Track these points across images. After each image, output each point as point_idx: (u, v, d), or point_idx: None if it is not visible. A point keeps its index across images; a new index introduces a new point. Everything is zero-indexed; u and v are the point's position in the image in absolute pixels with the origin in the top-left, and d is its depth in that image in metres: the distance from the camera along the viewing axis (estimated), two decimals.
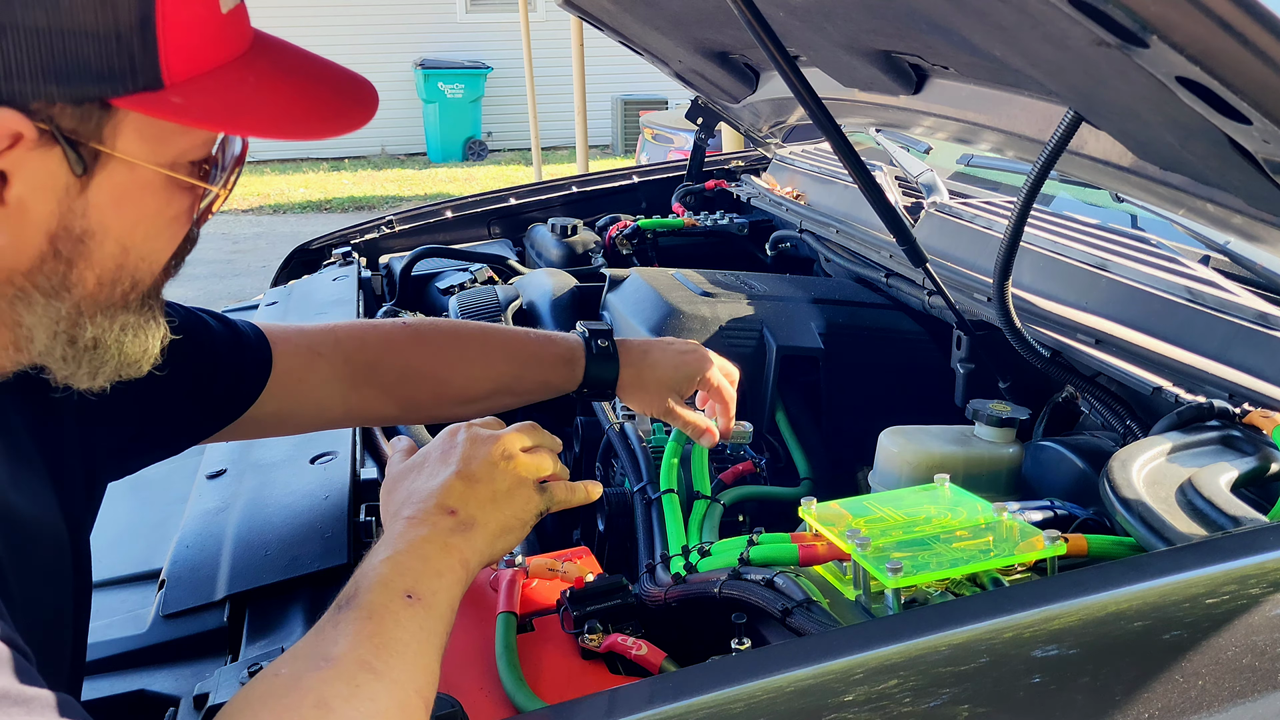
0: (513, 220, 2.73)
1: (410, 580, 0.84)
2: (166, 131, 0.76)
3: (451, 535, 0.91)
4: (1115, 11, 0.76)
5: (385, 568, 0.85)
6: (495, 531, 0.96)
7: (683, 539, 1.20)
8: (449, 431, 1.05)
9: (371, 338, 1.25)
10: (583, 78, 7.29)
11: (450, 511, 0.93)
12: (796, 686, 0.72)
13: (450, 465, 0.99)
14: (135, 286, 0.81)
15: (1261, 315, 1.24)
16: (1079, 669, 0.74)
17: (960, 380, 1.60)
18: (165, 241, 0.82)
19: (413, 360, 1.26)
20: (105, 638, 1.07)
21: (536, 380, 1.32)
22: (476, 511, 0.95)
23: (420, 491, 0.97)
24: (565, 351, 1.32)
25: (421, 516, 0.92)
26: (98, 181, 0.75)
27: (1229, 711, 0.75)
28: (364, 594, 0.82)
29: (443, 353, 1.28)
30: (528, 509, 1.00)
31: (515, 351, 1.31)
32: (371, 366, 1.23)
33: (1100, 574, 0.82)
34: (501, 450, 1.01)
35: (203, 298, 6.95)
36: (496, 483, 0.98)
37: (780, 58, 1.22)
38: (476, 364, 1.29)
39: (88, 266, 0.77)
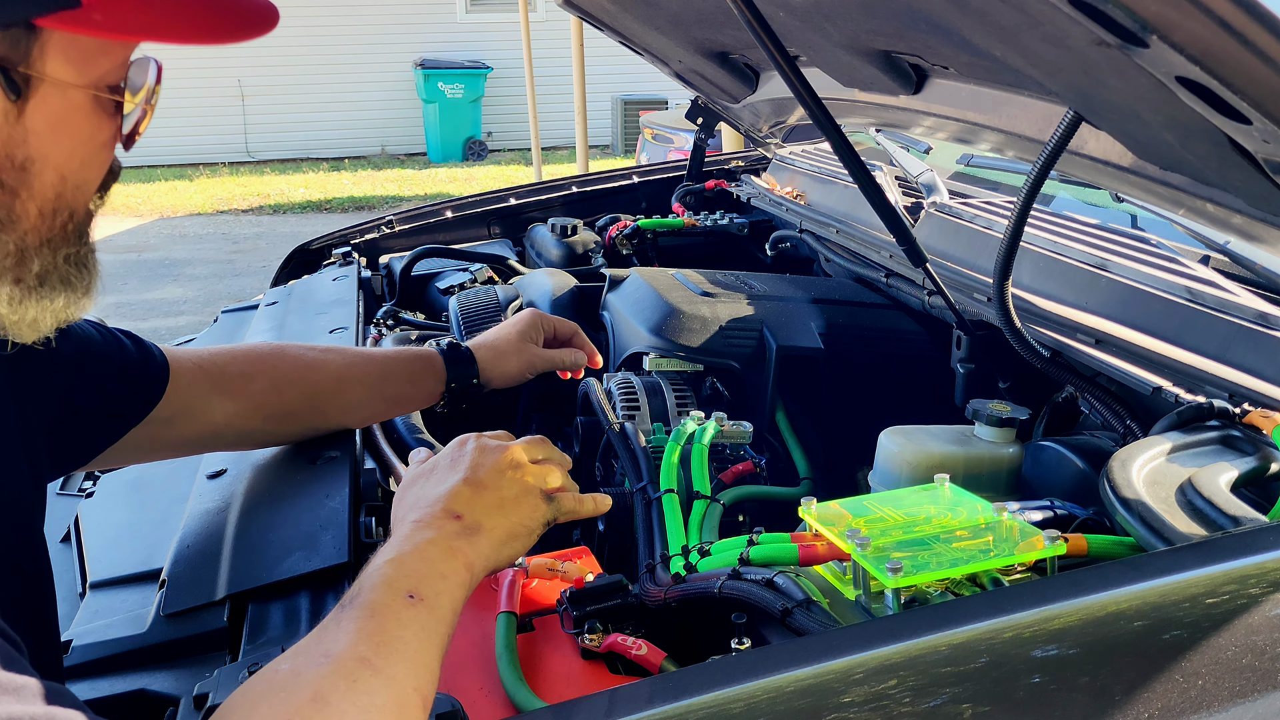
0: (513, 220, 2.73)
1: (413, 581, 0.85)
2: (89, 51, 0.79)
3: (456, 539, 0.92)
4: (1115, 11, 0.76)
5: (389, 568, 0.86)
6: (501, 538, 0.97)
7: (683, 539, 1.19)
8: (459, 441, 1.07)
9: (239, 351, 1.32)
10: (583, 78, 7.29)
11: (456, 516, 0.95)
12: (796, 686, 0.73)
13: (459, 472, 1.01)
14: (73, 217, 0.83)
15: (1261, 315, 1.24)
16: (1079, 669, 0.74)
17: (960, 380, 1.60)
18: (96, 170, 0.84)
19: (280, 368, 1.31)
20: (105, 638, 1.07)
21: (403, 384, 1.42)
22: (483, 517, 0.96)
23: (428, 496, 0.98)
24: (425, 366, 1.43)
25: (428, 520, 0.94)
26: (33, 107, 0.77)
27: (1229, 711, 0.75)
28: (366, 593, 0.83)
29: (307, 362, 1.33)
30: (534, 517, 1.01)
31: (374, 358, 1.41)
32: (243, 377, 1.28)
33: (1100, 574, 0.82)
34: (510, 459, 1.03)
35: (203, 297, 6.95)
36: (504, 490, 1.00)
37: (780, 58, 1.22)
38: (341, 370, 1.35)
39: (30, 197, 0.79)
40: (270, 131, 12.16)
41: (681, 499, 1.28)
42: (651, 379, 1.58)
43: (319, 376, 1.34)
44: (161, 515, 1.34)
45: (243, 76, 11.78)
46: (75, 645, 1.06)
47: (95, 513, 1.44)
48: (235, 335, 2.00)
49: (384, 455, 1.44)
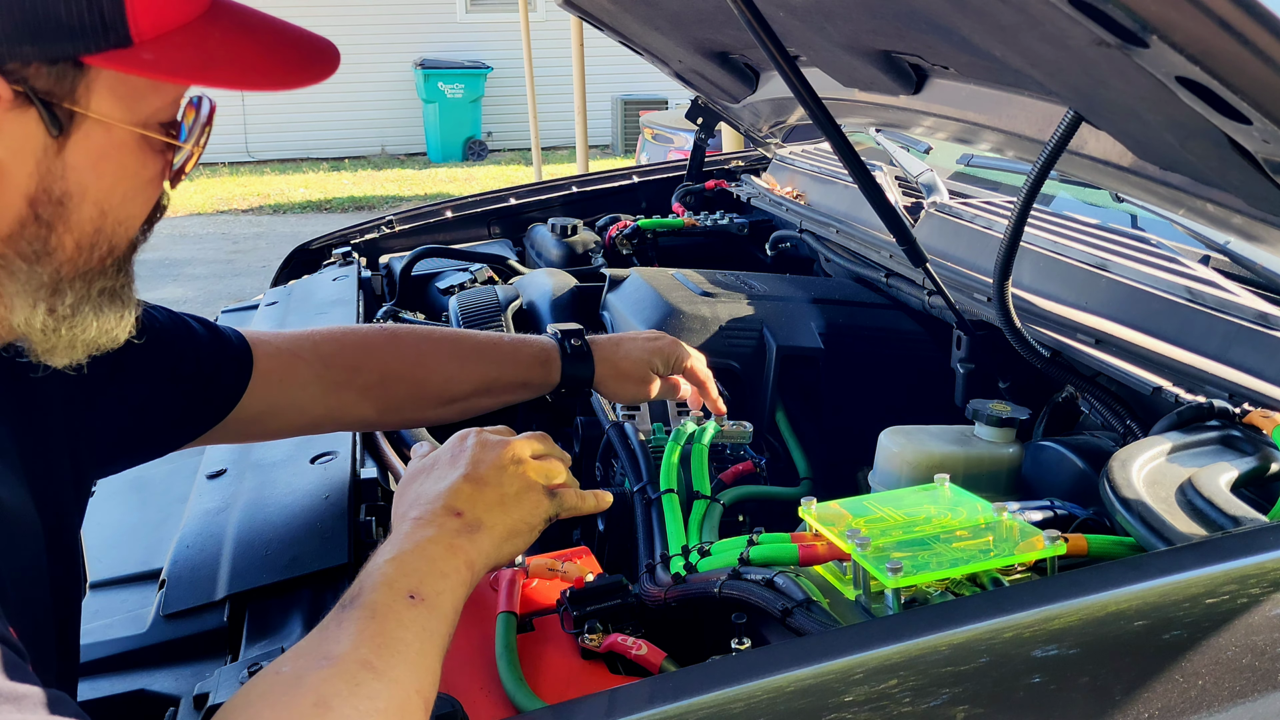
0: (513, 220, 2.73)
1: (414, 581, 0.84)
2: (138, 90, 0.78)
3: (457, 537, 0.91)
4: (1115, 11, 0.76)
5: (389, 568, 0.85)
6: (502, 534, 0.96)
7: (683, 539, 1.19)
8: (459, 436, 1.05)
9: (349, 341, 1.28)
10: (583, 78, 7.29)
11: (457, 513, 0.94)
12: (796, 686, 0.73)
13: (459, 468, 0.99)
14: (112, 251, 0.82)
15: (1261, 315, 1.24)
16: (1079, 669, 0.74)
17: (960, 380, 1.60)
18: (140, 205, 0.84)
19: (390, 363, 1.28)
20: (105, 638, 1.07)
21: (513, 380, 1.35)
22: (484, 514, 0.95)
23: (428, 493, 0.97)
24: (540, 352, 1.35)
25: (428, 518, 0.93)
26: (74, 142, 0.76)
27: (1229, 711, 0.75)
28: (367, 593, 0.82)
29: (419, 355, 1.30)
30: (536, 513, 1.00)
31: (489, 353, 1.34)
32: (350, 369, 1.25)
33: (1100, 574, 0.82)
34: (511, 454, 1.02)
35: (203, 297, 6.95)
36: (505, 486, 0.99)
37: (780, 58, 1.22)
38: (452, 365, 1.31)
39: (66, 230, 0.78)
40: (270, 131, 12.15)
41: (681, 499, 1.28)
42: None
43: (427, 374, 1.30)
44: (161, 515, 1.35)
45: None
46: None
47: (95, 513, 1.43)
48: None
49: (384, 455, 1.44)
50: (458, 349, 1.33)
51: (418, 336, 1.33)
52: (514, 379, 1.35)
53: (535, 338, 1.39)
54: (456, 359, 1.31)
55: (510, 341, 1.37)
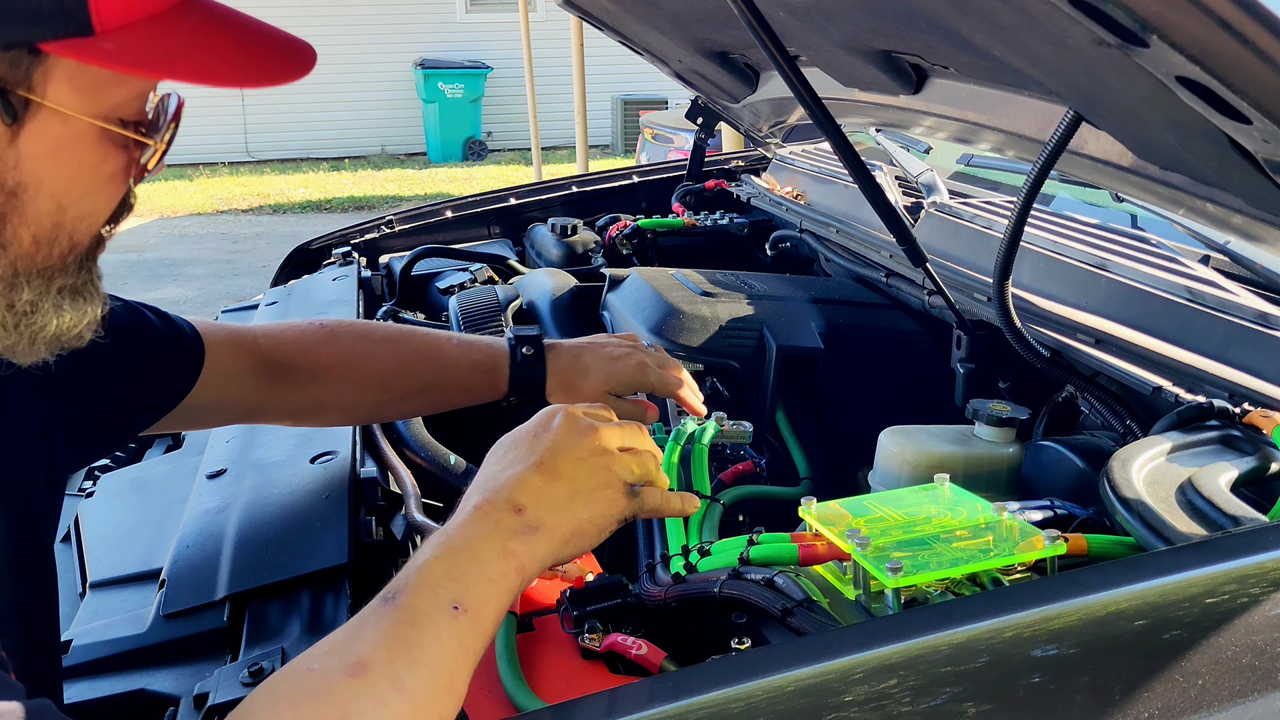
0: (513, 220, 2.73)
1: (460, 588, 0.80)
2: (99, 81, 0.75)
3: (513, 538, 0.86)
4: (1115, 11, 0.76)
5: (438, 567, 0.81)
6: (564, 536, 0.90)
7: (683, 539, 1.19)
8: (548, 412, 0.99)
9: (287, 336, 1.25)
10: (583, 78, 7.29)
11: (518, 509, 0.88)
12: (796, 686, 0.73)
13: (535, 453, 0.93)
14: (73, 248, 0.80)
15: (1261, 315, 1.24)
16: (1079, 668, 0.74)
17: (960, 380, 1.60)
18: (103, 201, 0.81)
19: (323, 359, 1.25)
20: (105, 637, 1.07)
21: (456, 384, 1.29)
22: (547, 513, 0.89)
23: (496, 479, 0.92)
24: (487, 358, 1.29)
25: (487, 509, 0.88)
26: (30, 132, 0.74)
27: (1229, 711, 0.75)
28: (410, 593, 0.79)
29: (355, 354, 1.26)
30: (609, 513, 0.93)
31: (432, 355, 1.29)
32: (284, 365, 1.23)
33: (1100, 574, 0.82)
34: (596, 444, 0.94)
35: (203, 297, 6.95)
36: (580, 480, 0.92)
37: (780, 58, 1.22)
38: (390, 365, 1.27)
39: (22, 223, 0.76)
40: (270, 131, 12.16)
41: None
42: None
43: (362, 374, 1.26)
44: (161, 515, 1.34)
45: None
46: (75, 645, 1.06)
47: (95, 513, 1.44)
48: None
49: (384, 455, 1.44)
50: (399, 349, 1.28)
51: (357, 335, 1.29)
52: (456, 383, 1.29)
53: (487, 341, 1.32)
54: (396, 359, 1.27)
55: (458, 344, 1.31)
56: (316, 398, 1.26)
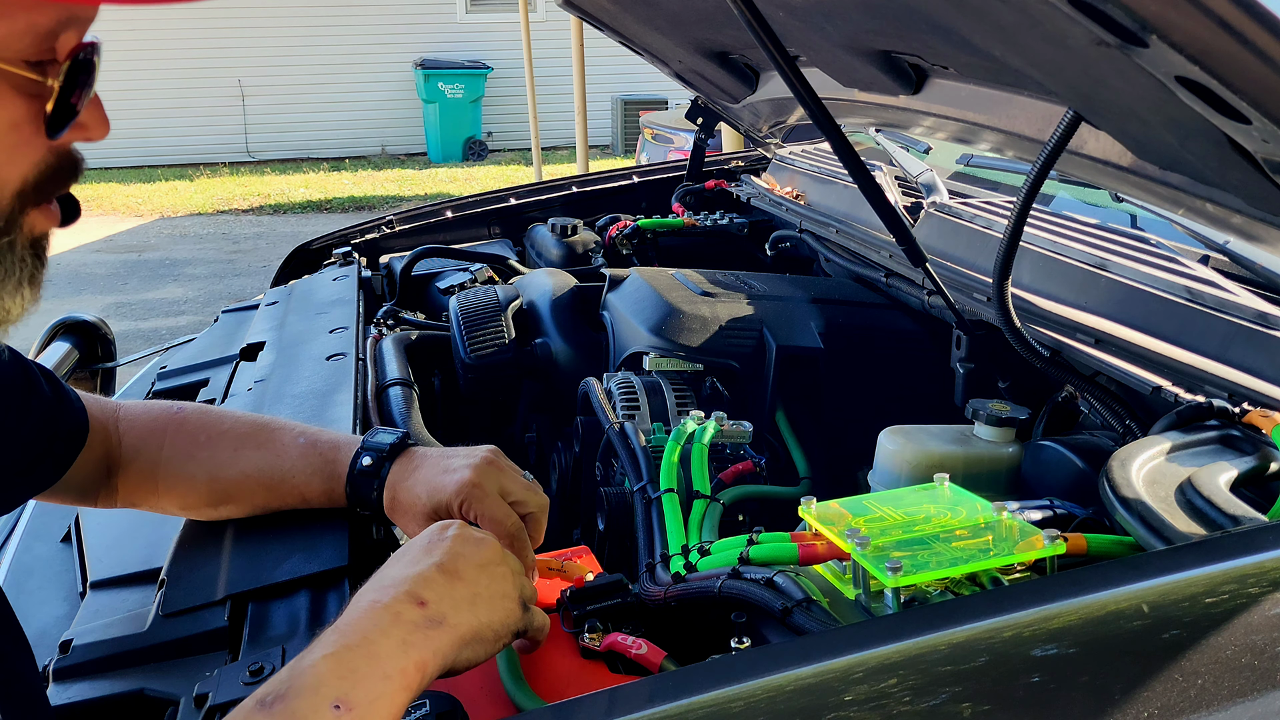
0: (513, 220, 2.73)
1: (346, 685, 0.74)
2: None
3: (414, 631, 0.81)
4: (1115, 11, 0.76)
5: (324, 666, 0.76)
6: (465, 636, 0.84)
7: (683, 538, 1.20)
8: (440, 525, 0.95)
9: (141, 420, 1.17)
10: (583, 78, 7.29)
11: (420, 602, 0.83)
12: (796, 686, 0.73)
13: (434, 556, 0.89)
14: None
15: (1261, 315, 1.24)
16: (1078, 668, 0.74)
17: (960, 380, 1.60)
18: (6, 153, 0.72)
19: (165, 451, 1.16)
20: (105, 637, 1.07)
21: (290, 491, 1.16)
22: (450, 610, 0.84)
23: (393, 577, 0.87)
24: (324, 465, 1.15)
25: (388, 603, 0.82)
26: None
27: (1228, 711, 0.75)
28: (292, 696, 0.73)
29: (193, 447, 1.17)
30: (507, 622, 0.89)
31: (271, 453, 1.16)
32: (132, 453, 1.16)
33: (1099, 573, 0.82)
34: (492, 555, 0.91)
35: (203, 297, 6.96)
36: (480, 584, 0.89)
37: (780, 58, 1.22)
38: (223, 465, 1.16)
39: None
40: (270, 131, 12.16)
41: (681, 499, 1.28)
42: (651, 379, 1.58)
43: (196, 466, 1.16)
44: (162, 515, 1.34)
45: (243, 76, 11.79)
46: (75, 645, 1.06)
47: (95, 512, 1.44)
48: (235, 335, 2.00)
49: None
50: (237, 446, 1.16)
51: (200, 425, 1.18)
52: (291, 490, 1.16)
53: (337, 443, 1.17)
54: (229, 458, 1.16)
55: (301, 445, 1.17)
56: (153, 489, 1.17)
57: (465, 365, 1.87)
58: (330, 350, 1.68)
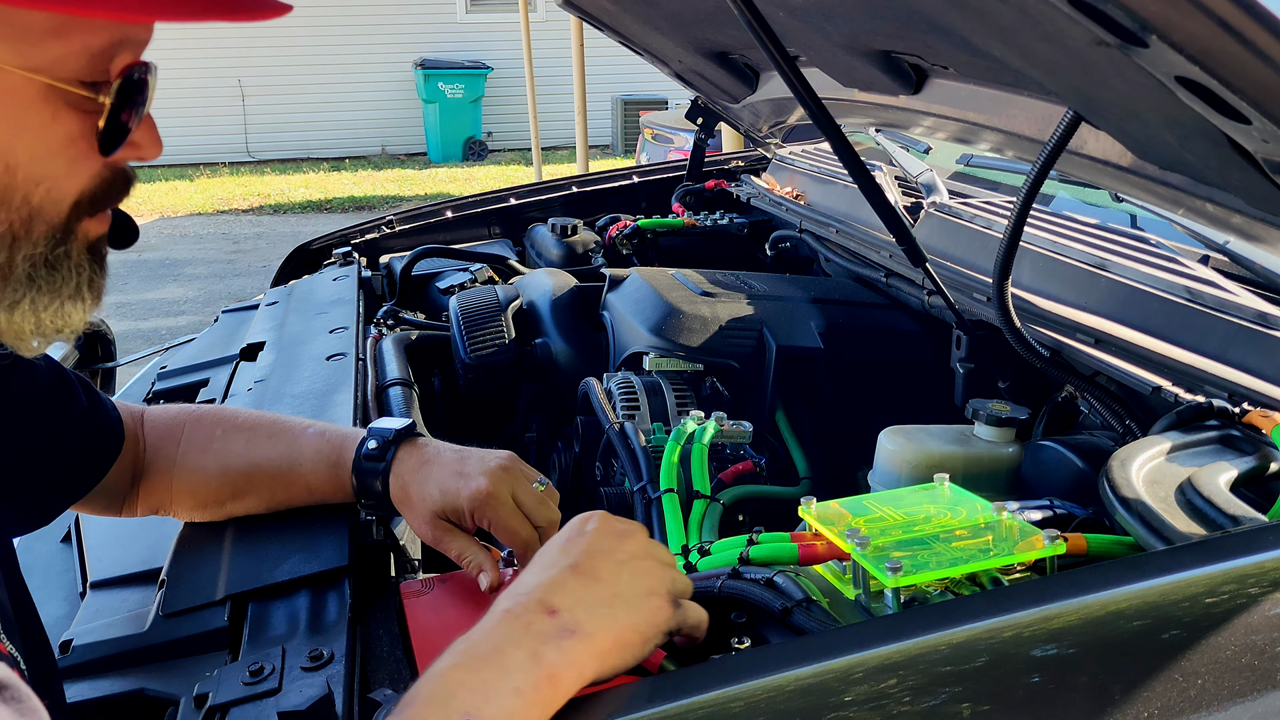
0: (513, 220, 2.73)
1: (478, 699, 0.72)
2: (32, 31, 0.69)
3: (545, 643, 0.76)
4: (1115, 11, 0.76)
5: (454, 675, 0.73)
6: (603, 645, 0.78)
7: (683, 538, 1.20)
8: (581, 519, 0.90)
9: (161, 422, 1.17)
10: (583, 78, 7.29)
11: (551, 611, 0.78)
12: (796, 686, 0.73)
13: (569, 556, 0.84)
14: (35, 215, 0.74)
15: (1261, 315, 1.24)
16: (1078, 668, 0.74)
17: (960, 380, 1.60)
18: (63, 166, 0.75)
19: (182, 447, 1.16)
20: (105, 637, 1.07)
21: (296, 482, 1.15)
22: (585, 616, 0.79)
23: (528, 584, 0.82)
24: (331, 452, 1.14)
25: (519, 612, 0.78)
26: None
27: (1228, 711, 0.75)
28: (423, 705, 0.71)
29: (206, 442, 1.16)
30: (654, 622, 0.82)
31: (279, 444, 1.16)
32: (154, 453, 1.16)
33: (1099, 573, 0.82)
34: (636, 548, 0.86)
35: (203, 297, 6.96)
36: (621, 584, 0.82)
37: (780, 58, 1.22)
38: (232, 458, 1.15)
39: None
40: (270, 131, 12.16)
41: (681, 499, 1.28)
42: (651, 379, 1.58)
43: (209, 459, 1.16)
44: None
45: (243, 76, 11.78)
46: (75, 645, 1.06)
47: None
48: (235, 335, 2.00)
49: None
50: (249, 438, 1.16)
51: (214, 422, 1.18)
52: (298, 480, 1.15)
53: (345, 433, 1.17)
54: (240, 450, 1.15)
55: (310, 435, 1.16)
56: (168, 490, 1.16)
57: (465, 365, 1.88)
58: (330, 350, 1.68)
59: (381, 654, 0.98)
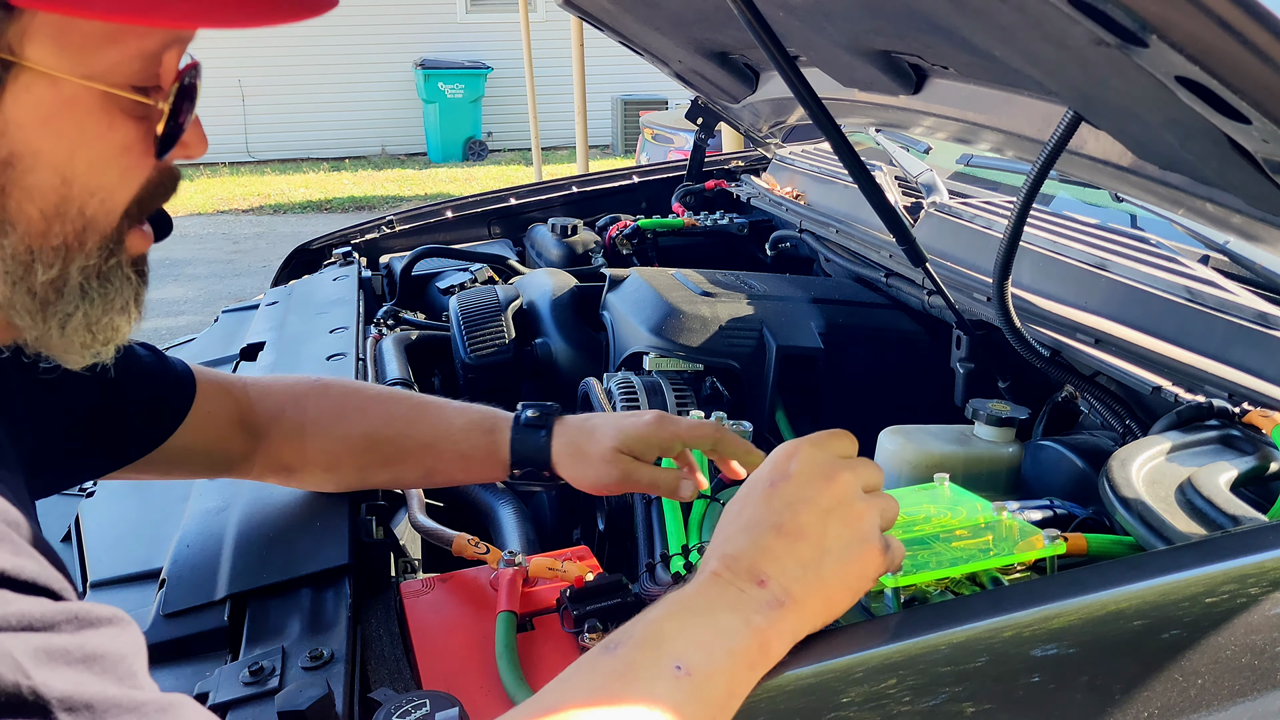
0: (513, 220, 2.73)
1: (690, 650, 0.71)
2: (89, 39, 0.68)
3: (757, 613, 0.74)
4: (1115, 11, 0.76)
5: (668, 624, 0.73)
6: (815, 609, 0.77)
7: (683, 538, 1.20)
8: (785, 452, 0.84)
9: (277, 387, 1.19)
10: (583, 78, 7.29)
11: (760, 581, 0.76)
12: (796, 685, 0.73)
13: (773, 511, 0.80)
14: (89, 226, 0.74)
15: (1261, 315, 1.24)
16: (1078, 668, 0.74)
17: (960, 380, 1.60)
18: (117, 174, 0.74)
19: (310, 411, 1.16)
20: None
21: (450, 448, 1.17)
22: (793, 583, 0.76)
23: (736, 542, 0.79)
24: (484, 419, 1.17)
25: (729, 578, 0.77)
26: (14, 97, 0.68)
27: (1228, 711, 0.75)
28: (633, 647, 0.71)
29: (344, 405, 1.17)
30: (864, 574, 0.79)
31: (424, 413, 1.18)
32: (271, 416, 1.16)
33: (1099, 573, 0.82)
34: (842, 491, 0.80)
35: (203, 297, 6.95)
36: (828, 537, 0.78)
37: (780, 58, 1.22)
38: (378, 420, 1.17)
39: (25, 197, 0.70)
40: (270, 131, 12.16)
41: None
42: (651, 379, 1.58)
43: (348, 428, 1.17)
44: (161, 515, 1.34)
45: (243, 76, 11.78)
46: None
47: (95, 512, 1.44)
48: (235, 335, 2.00)
49: None
50: (390, 406, 1.18)
51: (347, 390, 1.19)
52: (450, 448, 1.17)
53: (489, 408, 1.21)
54: (385, 415, 1.17)
55: (457, 406, 1.19)
56: (299, 456, 1.17)
57: (465, 365, 1.88)
58: (330, 350, 1.68)
59: (381, 654, 0.98)
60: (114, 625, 0.62)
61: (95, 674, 0.59)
